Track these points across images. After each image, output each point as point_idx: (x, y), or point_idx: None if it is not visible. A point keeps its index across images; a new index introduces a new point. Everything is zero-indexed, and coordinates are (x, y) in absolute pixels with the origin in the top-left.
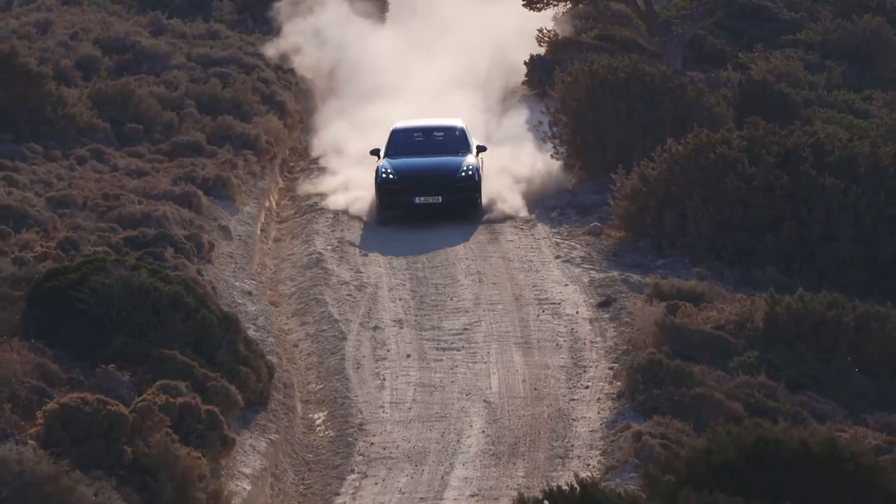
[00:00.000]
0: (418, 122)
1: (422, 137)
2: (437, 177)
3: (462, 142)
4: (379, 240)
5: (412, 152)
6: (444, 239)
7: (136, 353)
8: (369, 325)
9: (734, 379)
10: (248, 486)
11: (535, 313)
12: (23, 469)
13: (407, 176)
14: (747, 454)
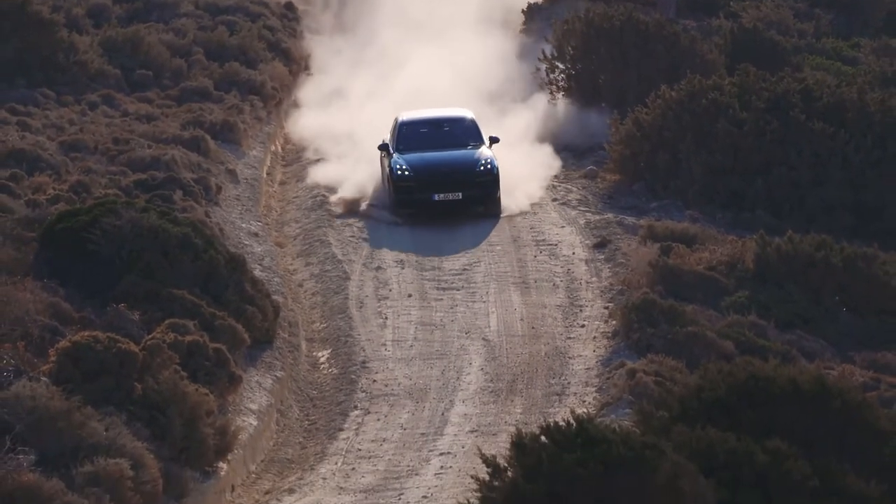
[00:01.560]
0: (425, 114)
1: (431, 130)
2: (456, 172)
3: (473, 133)
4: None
5: (423, 146)
6: None
7: (145, 293)
8: (372, 266)
9: (726, 318)
10: (254, 422)
11: (532, 254)
12: (36, 405)
13: (423, 172)
14: (738, 391)
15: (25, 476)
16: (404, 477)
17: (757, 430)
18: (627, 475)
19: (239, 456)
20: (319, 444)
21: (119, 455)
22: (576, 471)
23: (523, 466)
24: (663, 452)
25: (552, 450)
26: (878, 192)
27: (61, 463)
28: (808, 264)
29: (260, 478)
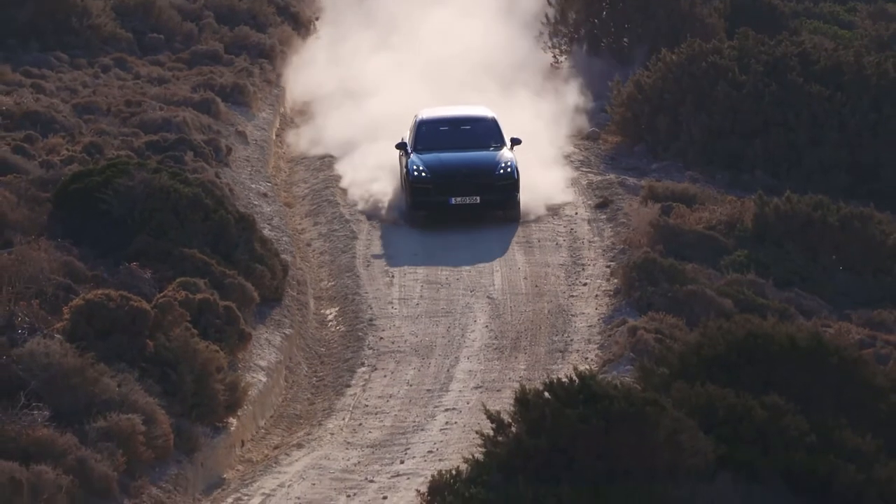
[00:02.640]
0: (445, 113)
1: (451, 129)
2: (475, 174)
3: (494, 134)
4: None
5: (442, 146)
6: None
7: (157, 252)
8: (379, 226)
9: (725, 276)
10: (263, 378)
11: (535, 214)
12: (50, 362)
13: (441, 174)
14: (737, 348)
15: (40, 431)
16: (410, 432)
17: (755, 387)
18: (629, 430)
19: (248, 411)
20: (327, 399)
21: (131, 410)
22: (578, 426)
23: (527, 422)
24: (664, 408)
25: (555, 405)
26: (874, 152)
27: (75, 418)
28: (806, 224)
29: (269, 433)
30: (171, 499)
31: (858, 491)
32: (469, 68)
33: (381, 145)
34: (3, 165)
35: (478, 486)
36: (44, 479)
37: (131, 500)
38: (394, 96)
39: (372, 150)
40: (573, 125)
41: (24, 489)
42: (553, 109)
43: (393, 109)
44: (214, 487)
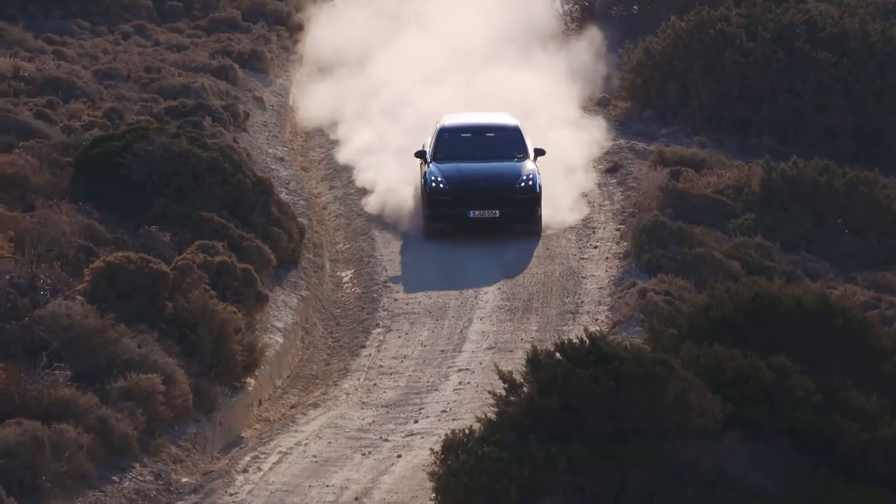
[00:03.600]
0: (468, 120)
1: (473, 138)
2: (494, 187)
3: (518, 144)
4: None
5: (463, 156)
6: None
7: (176, 215)
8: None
9: (732, 239)
10: (280, 339)
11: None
12: (71, 322)
13: (460, 186)
14: (745, 310)
15: (61, 391)
16: (424, 392)
17: (762, 347)
18: (638, 390)
19: (266, 372)
20: (343, 360)
21: (151, 370)
22: (589, 386)
23: (538, 382)
24: (673, 369)
25: (566, 366)
26: (879, 118)
27: (95, 378)
28: (812, 188)
29: (286, 393)
30: (190, 457)
31: (863, 449)
32: (484, 37)
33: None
34: (25, 130)
35: (490, 445)
36: (65, 437)
37: (151, 459)
38: (409, 67)
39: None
40: (585, 91)
41: (45, 448)
42: (565, 75)
43: (408, 81)
44: (232, 446)
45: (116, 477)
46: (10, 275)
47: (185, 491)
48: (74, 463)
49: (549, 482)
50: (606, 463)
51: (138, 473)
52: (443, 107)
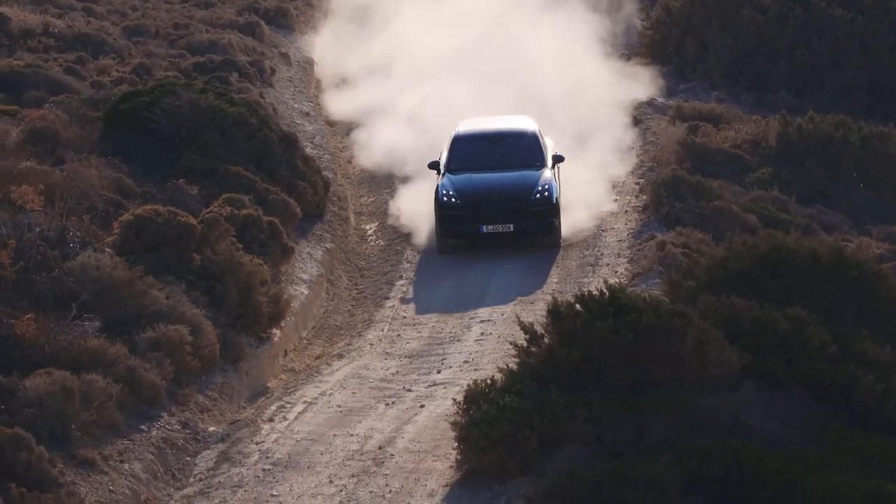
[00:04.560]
0: (483, 127)
1: (488, 146)
2: (507, 200)
3: (535, 151)
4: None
5: (477, 166)
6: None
7: (203, 169)
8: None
9: (750, 193)
10: (305, 291)
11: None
12: (101, 275)
13: (472, 199)
14: (762, 262)
15: (90, 341)
16: (447, 343)
17: (779, 299)
18: (657, 341)
19: (291, 323)
20: (367, 311)
21: (179, 321)
22: (608, 337)
23: (559, 333)
24: (691, 320)
25: (586, 317)
26: (894, 74)
27: (124, 329)
28: (828, 142)
29: (311, 343)
30: (217, 406)
31: (878, 399)
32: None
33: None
34: (55, 86)
35: (512, 395)
36: (94, 387)
37: (179, 408)
38: (437, 25)
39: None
40: (605, 47)
41: (75, 397)
42: (586, 32)
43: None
44: (258, 396)
45: (145, 426)
46: (40, 227)
47: (212, 439)
48: (103, 412)
49: (569, 431)
50: (625, 413)
51: (166, 422)
52: (463, 57)
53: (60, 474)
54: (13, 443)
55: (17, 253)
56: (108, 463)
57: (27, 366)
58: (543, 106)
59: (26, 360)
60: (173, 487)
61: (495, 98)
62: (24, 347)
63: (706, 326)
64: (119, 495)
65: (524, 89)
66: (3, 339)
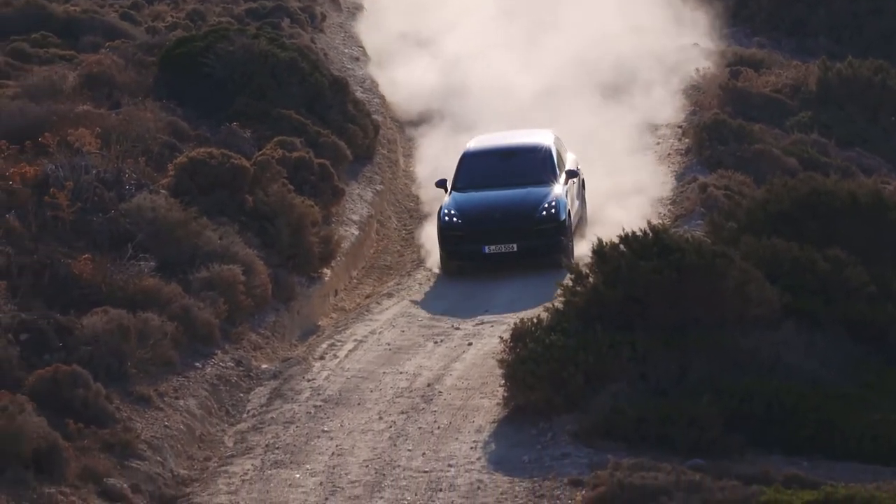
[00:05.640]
0: (495, 142)
1: (496, 162)
2: (510, 219)
3: (546, 166)
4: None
5: (484, 183)
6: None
7: (256, 113)
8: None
9: (790, 136)
10: (355, 231)
11: None
12: (156, 215)
13: (473, 219)
14: (801, 204)
15: (146, 281)
16: (494, 283)
17: (818, 240)
18: (699, 281)
19: (342, 262)
20: (416, 251)
21: (232, 262)
22: (652, 277)
23: (603, 273)
24: (732, 260)
25: (630, 257)
26: None
27: (179, 268)
28: (867, 87)
29: (361, 283)
30: (270, 344)
31: None
32: None
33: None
34: (111, 31)
35: (557, 333)
36: (150, 325)
37: (232, 346)
38: None
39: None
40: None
41: (131, 335)
42: None
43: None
44: (309, 334)
45: (199, 363)
46: (97, 169)
47: (265, 377)
48: (159, 350)
49: (613, 369)
50: (668, 351)
51: (220, 360)
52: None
53: (117, 410)
54: (71, 379)
55: (75, 195)
56: (164, 399)
57: (84, 304)
58: (597, 51)
59: (83, 299)
60: (227, 423)
61: (540, 48)
62: (82, 287)
63: (747, 267)
64: (174, 431)
65: (577, 41)
66: (62, 279)
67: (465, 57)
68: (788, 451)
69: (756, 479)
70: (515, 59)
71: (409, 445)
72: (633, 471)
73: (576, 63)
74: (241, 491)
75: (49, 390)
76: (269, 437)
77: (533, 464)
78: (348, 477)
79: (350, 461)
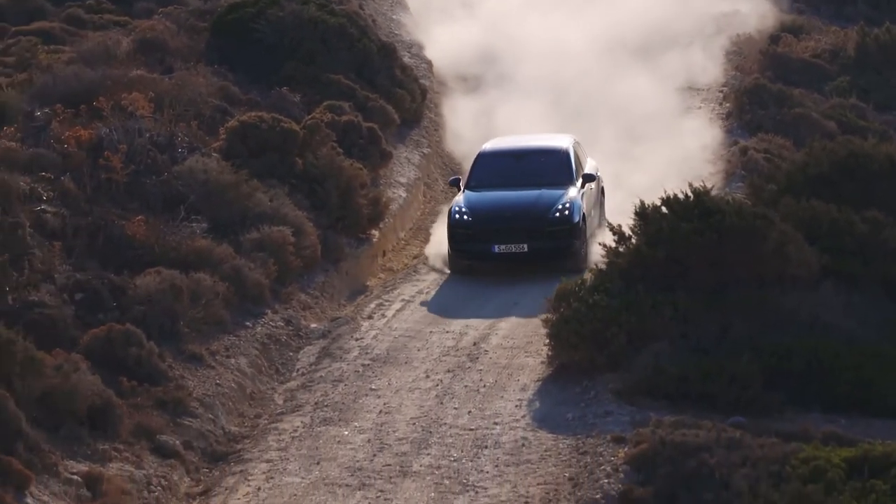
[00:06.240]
0: (511, 144)
1: (514, 163)
2: (521, 218)
3: (564, 170)
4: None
5: (498, 184)
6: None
7: (305, 77)
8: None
9: (829, 100)
10: (403, 193)
11: None
12: (208, 178)
13: (484, 217)
14: (840, 166)
15: (198, 241)
16: None
17: (857, 202)
18: (739, 242)
19: (389, 224)
20: None
21: (282, 223)
22: (693, 238)
23: (646, 234)
24: (772, 222)
25: (672, 219)
26: None
27: (230, 230)
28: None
29: (408, 244)
30: (319, 304)
31: None
32: None
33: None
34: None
35: (600, 293)
36: (202, 285)
37: (282, 306)
38: None
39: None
40: None
41: (183, 295)
42: None
43: None
44: (358, 294)
45: (250, 322)
46: (150, 133)
47: (314, 336)
48: (210, 309)
49: (655, 329)
50: (709, 311)
51: (270, 319)
52: None
53: (169, 368)
54: (124, 338)
55: (129, 157)
56: (215, 358)
57: (138, 265)
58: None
59: (137, 260)
60: (277, 381)
61: (586, 10)
62: (135, 247)
63: (787, 228)
64: (225, 388)
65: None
66: (116, 240)
67: (511, 18)
68: (826, 408)
69: (795, 437)
70: (562, 21)
71: (455, 403)
72: (674, 428)
73: (620, 25)
74: (290, 447)
75: (103, 349)
76: (318, 394)
77: (576, 421)
78: (395, 434)
79: (397, 419)
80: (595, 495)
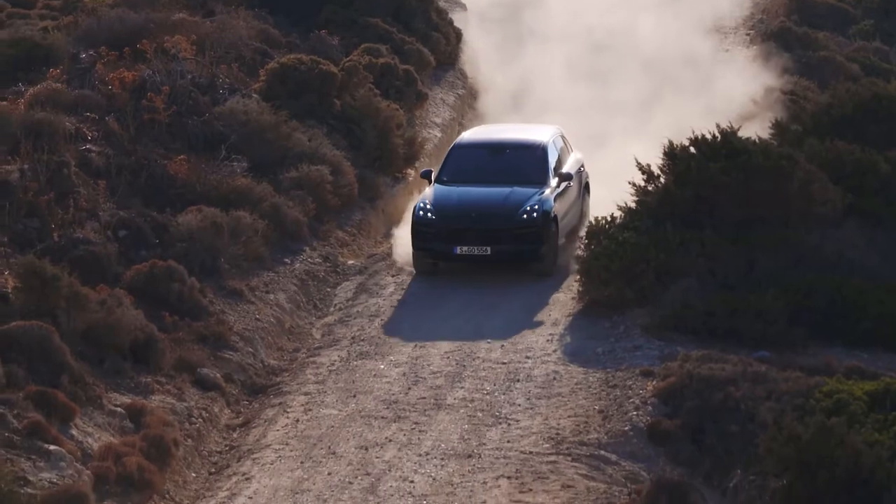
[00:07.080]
0: (488, 136)
1: (488, 157)
2: (489, 219)
3: (540, 166)
4: None
5: (470, 178)
6: None
7: (344, 21)
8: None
9: (853, 44)
10: (438, 134)
11: None
12: (248, 118)
13: (448, 216)
14: (863, 108)
15: (238, 180)
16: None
17: (880, 143)
18: (765, 181)
19: (425, 163)
20: None
21: (320, 162)
22: (720, 177)
23: (674, 174)
24: (797, 162)
25: (699, 159)
26: None
27: (269, 169)
28: None
29: None
30: (355, 241)
31: None
32: None
33: None
34: None
35: (630, 231)
36: (242, 223)
37: (320, 243)
38: None
39: None
40: None
41: (224, 232)
42: None
43: None
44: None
45: (288, 259)
46: (192, 75)
47: (351, 272)
48: (250, 246)
49: (683, 265)
50: (736, 248)
51: (308, 256)
52: None
53: (210, 304)
54: (167, 274)
55: (171, 98)
56: (255, 293)
57: (180, 203)
58: None
59: (179, 198)
60: (315, 316)
61: None
62: (177, 186)
63: (811, 168)
64: (265, 323)
65: None
66: (158, 179)
67: None
68: (849, 343)
69: (818, 370)
70: None
71: (488, 338)
72: (701, 362)
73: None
74: (327, 381)
75: (146, 284)
76: (355, 329)
77: (606, 355)
78: (430, 368)
79: (432, 353)
80: (624, 427)
